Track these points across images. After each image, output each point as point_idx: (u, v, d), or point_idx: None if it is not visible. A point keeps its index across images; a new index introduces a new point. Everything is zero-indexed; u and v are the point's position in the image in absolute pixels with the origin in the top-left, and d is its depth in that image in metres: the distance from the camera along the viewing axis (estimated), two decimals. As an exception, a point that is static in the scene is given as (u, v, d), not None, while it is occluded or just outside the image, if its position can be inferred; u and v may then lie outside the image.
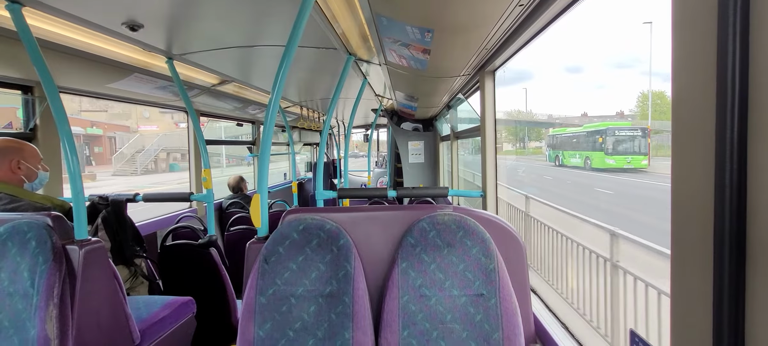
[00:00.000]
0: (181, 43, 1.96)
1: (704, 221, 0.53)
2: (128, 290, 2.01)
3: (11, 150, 1.57)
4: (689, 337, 0.57)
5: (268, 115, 1.37)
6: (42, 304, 1.24)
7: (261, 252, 1.19)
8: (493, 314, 1.11)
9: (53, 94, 1.45)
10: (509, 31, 1.47)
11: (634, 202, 10.19)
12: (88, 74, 2.11)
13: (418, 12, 1.33)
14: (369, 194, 2.62)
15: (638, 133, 14.01)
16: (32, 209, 1.52)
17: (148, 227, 2.97)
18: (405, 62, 2.03)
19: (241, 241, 3.03)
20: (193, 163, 3.49)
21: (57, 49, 1.79)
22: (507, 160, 25.01)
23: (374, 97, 4.04)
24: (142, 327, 1.68)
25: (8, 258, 1.30)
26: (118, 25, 1.61)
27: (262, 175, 1.41)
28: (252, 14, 1.63)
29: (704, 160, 0.53)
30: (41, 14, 1.48)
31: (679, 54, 0.57)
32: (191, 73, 2.56)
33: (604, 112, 28.96)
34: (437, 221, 1.18)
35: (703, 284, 0.54)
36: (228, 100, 3.44)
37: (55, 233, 1.33)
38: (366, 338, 1.11)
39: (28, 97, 2.05)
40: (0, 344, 1.25)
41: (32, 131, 2.07)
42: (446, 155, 4.84)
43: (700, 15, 0.53)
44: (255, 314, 1.13)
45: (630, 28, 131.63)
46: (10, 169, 1.56)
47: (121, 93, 2.53)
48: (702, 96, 0.53)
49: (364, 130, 7.59)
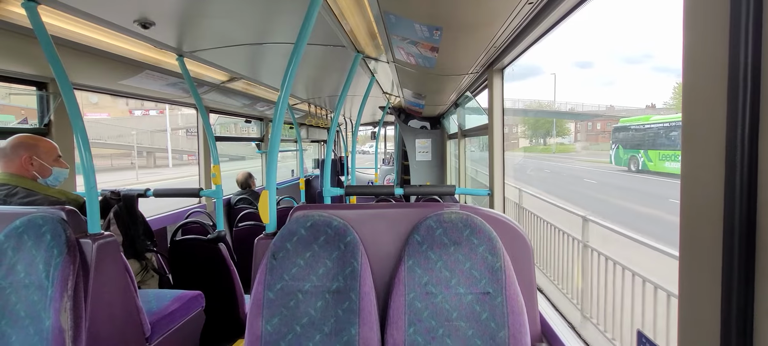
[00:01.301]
0: (192, 41, 1.98)
1: (713, 220, 0.53)
2: (139, 284, 2.05)
3: (24, 146, 1.61)
4: (696, 336, 0.57)
5: (277, 112, 1.38)
6: (56, 295, 1.27)
7: (269, 248, 1.20)
8: (499, 313, 1.11)
9: (67, 90, 1.48)
10: (518, 29, 1.46)
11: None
12: (101, 71, 2.15)
13: (427, 10, 1.33)
14: (376, 191, 2.63)
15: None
16: (47, 203, 1.56)
17: (159, 222, 3.01)
18: (413, 60, 2.03)
19: (249, 236, 3.06)
20: (203, 159, 3.53)
21: (71, 46, 1.82)
22: (530, 160, 22.36)
23: (382, 94, 4.05)
24: (152, 320, 1.71)
25: (24, 250, 1.33)
26: (130, 22, 1.64)
27: (271, 172, 1.42)
28: (261, 12, 1.65)
29: (714, 159, 0.52)
30: (56, 12, 1.50)
31: (690, 50, 0.56)
32: (201, 70, 2.59)
33: (627, 105, 26.90)
34: (444, 219, 1.18)
35: (712, 283, 0.53)
36: (237, 97, 3.47)
37: (69, 227, 1.36)
38: (372, 334, 1.12)
39: (43, 94, 2.10)
40: (17, 333, 1.29)
41: (46, 126, 2.12)
42: (453, 153, 4.83)
43: (712, 11, 0.52)
44: (263, 309, 1.15)
45: (641, 24, 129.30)
46: (23, 165, 1.59)
47: (132, 89, 2.57)
48: (713, 94, 0.52)
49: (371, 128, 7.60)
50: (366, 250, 1.22)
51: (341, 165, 7.38)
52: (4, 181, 1.55)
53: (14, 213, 1.40)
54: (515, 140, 27.31)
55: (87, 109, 21.95)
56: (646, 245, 2.75)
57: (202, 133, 3.50)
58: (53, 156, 1.68)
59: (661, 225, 6.91)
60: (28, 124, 2.19)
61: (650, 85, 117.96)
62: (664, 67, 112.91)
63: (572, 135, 26.84)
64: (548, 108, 30.14)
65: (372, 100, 4.32)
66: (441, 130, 5.07)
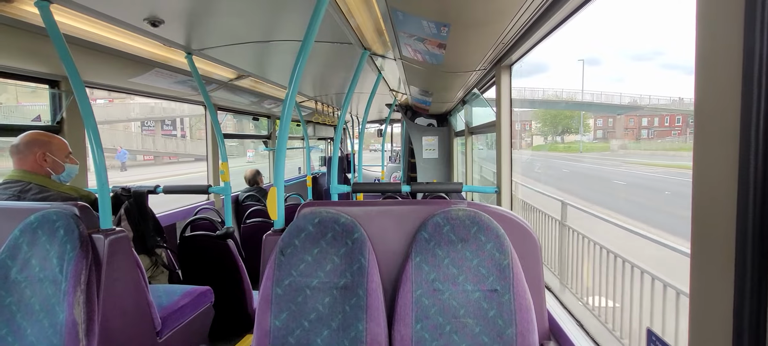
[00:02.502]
0: (200, 39, 2.00)
1: (726, 220, 0.52)
2: (149, 279, 2.08)
3: (38, 143, 1.63)
4: (708, 337, 0.56)
5: (285, 110, 1.39)
6: (70, 289, 1.30)
7: (277, 244, 1.21)
8: (506, 310, 1.11)
9: (80, 88, 1.50)
10: (527, 26, 1.45)
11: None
12: (111, 69, 2.18)
13: (435, 6, 1.32)
14: (383, 188, 2.63)
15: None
16: (60, 199, 1.59)
17: (168, 219, 3.05)
18: (420, 57, 2.02)
19: (257, 233, 3.09)
20: (211, 156, 3.57)
21: (82, 44, 1.85)
22: (563, 161, 18.41)
23: (389, 92, 4.04)
24: (162, 315, 1.74)
25: (39, 245, 1.36)
26: (140, 20, 1.65)
27: (279, 169, 1.43)
28: (269, 9, 1.65)
29: (727, 158, 0.51)
30: (68, 11, 1.53)
31: (703, 47, 0.55)
32: (209, 68, 2.61)
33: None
34: (451, 216, 1.18)
35: (724, 284, 0.52)
36: (244, 94, 3.49)
37: (81, 222, 1.39)
38: (380, 330, 1.13)
39: (55, 92, 2.13)
40: (32, 326, 1.32)
41: (59, 124, 2.15)
42: (460, 151, 4.81)
43: (727, 7, 0.51)
44: (271, 305, 1.16)
45: (650, 20, 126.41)
46: (37, 162, 1.62)
47: (142, 87, 2.60)
48: (727, 91, 0.51)
49: (378, 125, 7.60)
50: (373, 246, 1.22)
51: (348, 162, 7.39)
52: (17, 177, 1.58)
53: (29, 209, 1.42)
54: (529, 139, 25.13)
55: (23, 98, 18.81)
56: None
57: (210, 130, 3.53)
58: (65, 153, 1.71)
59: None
60: (41, 121, 2.23)
61: (661, 80, 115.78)
62: (672, 65, 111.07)
63: (594, 131, 24.02)
64: (570, 100, 26.02)
65: (379, 98, 4.32)
66: (448, 127, 5.05)
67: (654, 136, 21.32)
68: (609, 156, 19.19)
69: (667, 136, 21.25)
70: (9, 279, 1.34)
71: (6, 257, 1.36)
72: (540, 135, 26.33)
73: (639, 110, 23.13)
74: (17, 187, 1.56)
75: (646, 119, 22.98)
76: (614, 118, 24.01)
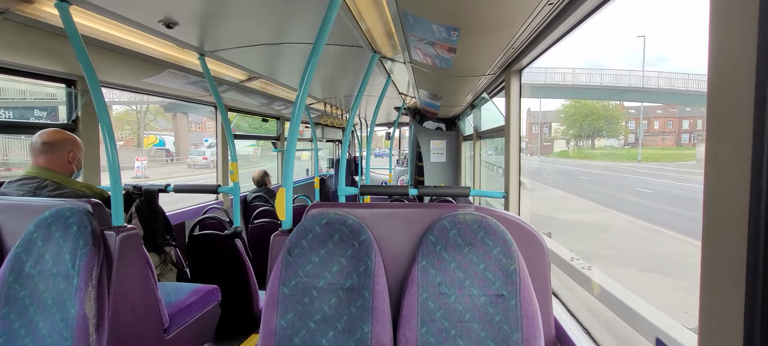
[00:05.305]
0: (213, 40, 2.03)
1: (738, 220, 0.51)
2: (158, 277, 2.11)
3: (69, 142, 1.67)
4: (718, 338, 0.55)
5: (295, 112, 1.40)
6: (82, 285, 1.32)
7: (285, 244, 1.22)
8: (512, 315, 1.10)
9: (96, 88, 1.53)
10: (537, 30, 1.44)
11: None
12: (126, 69, 2.23)
13: (445, 10, 1.32)
14: (390, 191, 2.63)
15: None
16: (75, 196, 1.62)
17: (178, 217, 3.09)
18: (430, 61, 2.02)
19: (264, 233, 3.12)
20: (221, 156, 3.61)
21: (99, 45, 1.89)
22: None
23: (397, 95, 4.05)
24: (170, 312, 1.76)
25: (52, 240, 1.38)
26: (155, 22, 1.69)
27: (288, 170, 1.44)
28: (281, 12, 1.67)
29: (740, 160, 0.51)
30: (86, 12, 1.56)
31: (716, 48, 0.54)
32: (221, 69, 2.64)
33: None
34: (458, 220, 1.18)
35: (735, 289, 0.52)
36: (255, 96, 3.54)
37: (94, 219, 1.41)
38: (385, 332, 1.13)
39: (71, 91, 2.18)
40: (44, 320, 1.34)
41: (74, 122, 2.20)
42: (468, 155, 4.80)
43: (740, 7, 0.50)
44: (278, 304, 1.16)
45: (658, 26, 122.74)
46: (67, 160, 1.66)
47: (155, 87, 2.65)
48: (740, 93, 0.51)
49: (386, 128, 7.61)
50: (380, 249, 1.22)
51: (355, 165, 7.42)
52: (34, 174, 1.62)
53: (44, 205, 1.46)
54: (548, 143, 20.62)
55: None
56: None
57: (221, 131, 3.58)
58: (83, 151, 1.75)
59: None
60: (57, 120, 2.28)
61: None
62: (681, 70, 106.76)
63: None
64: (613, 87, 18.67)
65: (387, 101, 4.33)
66: (456, 131, 5.04)
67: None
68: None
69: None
70: (23, 273, 1.37)
71: (21, 251, 1.39)
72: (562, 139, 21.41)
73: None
74: (34, 183, 1.60)
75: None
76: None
